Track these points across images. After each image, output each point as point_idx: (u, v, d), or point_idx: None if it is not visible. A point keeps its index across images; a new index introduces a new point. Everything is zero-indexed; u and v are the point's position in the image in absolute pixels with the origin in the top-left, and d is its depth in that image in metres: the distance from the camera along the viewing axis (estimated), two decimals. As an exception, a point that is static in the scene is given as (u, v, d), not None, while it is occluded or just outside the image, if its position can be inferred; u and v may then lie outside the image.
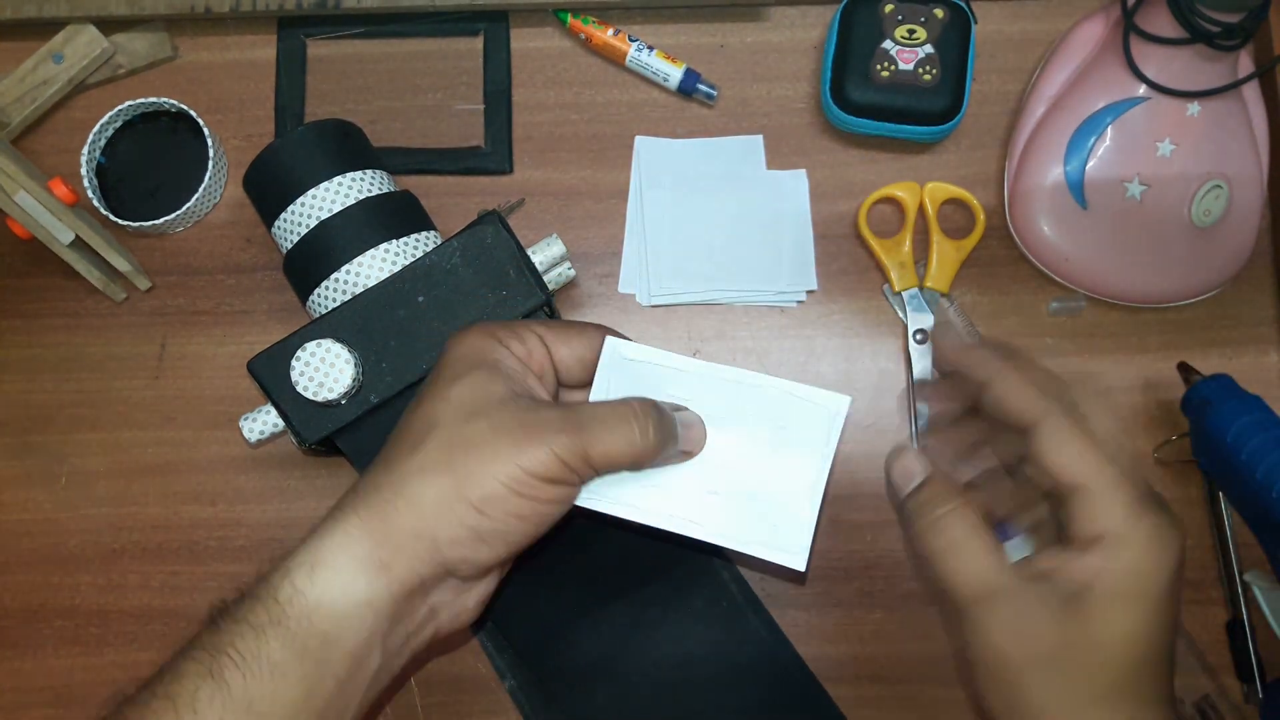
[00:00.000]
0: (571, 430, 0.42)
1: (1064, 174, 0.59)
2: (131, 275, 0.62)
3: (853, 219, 0.63)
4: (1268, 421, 0.53)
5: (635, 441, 0.43)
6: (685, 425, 0.46)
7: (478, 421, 0.42)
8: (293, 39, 0.65)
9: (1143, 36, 0.57)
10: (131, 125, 0.64)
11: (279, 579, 0.41)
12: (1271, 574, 0.56)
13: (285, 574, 0.41)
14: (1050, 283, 0.62)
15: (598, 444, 0.43)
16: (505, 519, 0.42)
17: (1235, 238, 0.60)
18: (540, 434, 0.42)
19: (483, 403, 0.43)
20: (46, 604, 0.61)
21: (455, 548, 0.42)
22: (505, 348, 0.45)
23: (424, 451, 0.42)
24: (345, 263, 0.54)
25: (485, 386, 0.43)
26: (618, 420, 0.43)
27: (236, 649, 0.40)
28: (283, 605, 0.41)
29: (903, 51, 0.60)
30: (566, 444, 0.42)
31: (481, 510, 0.42)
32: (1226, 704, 0.58)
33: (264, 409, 0.55)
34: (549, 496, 0.43)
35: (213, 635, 0.41)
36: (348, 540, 0.42)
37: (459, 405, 0.43)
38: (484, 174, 0.64)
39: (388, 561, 0.42)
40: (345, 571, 0.41)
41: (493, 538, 0.42)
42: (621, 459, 0.44)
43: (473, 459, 0.42)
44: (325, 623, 0.41)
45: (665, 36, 0.65)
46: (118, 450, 0.62)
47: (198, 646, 0.41)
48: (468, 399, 0.43)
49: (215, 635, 0.41)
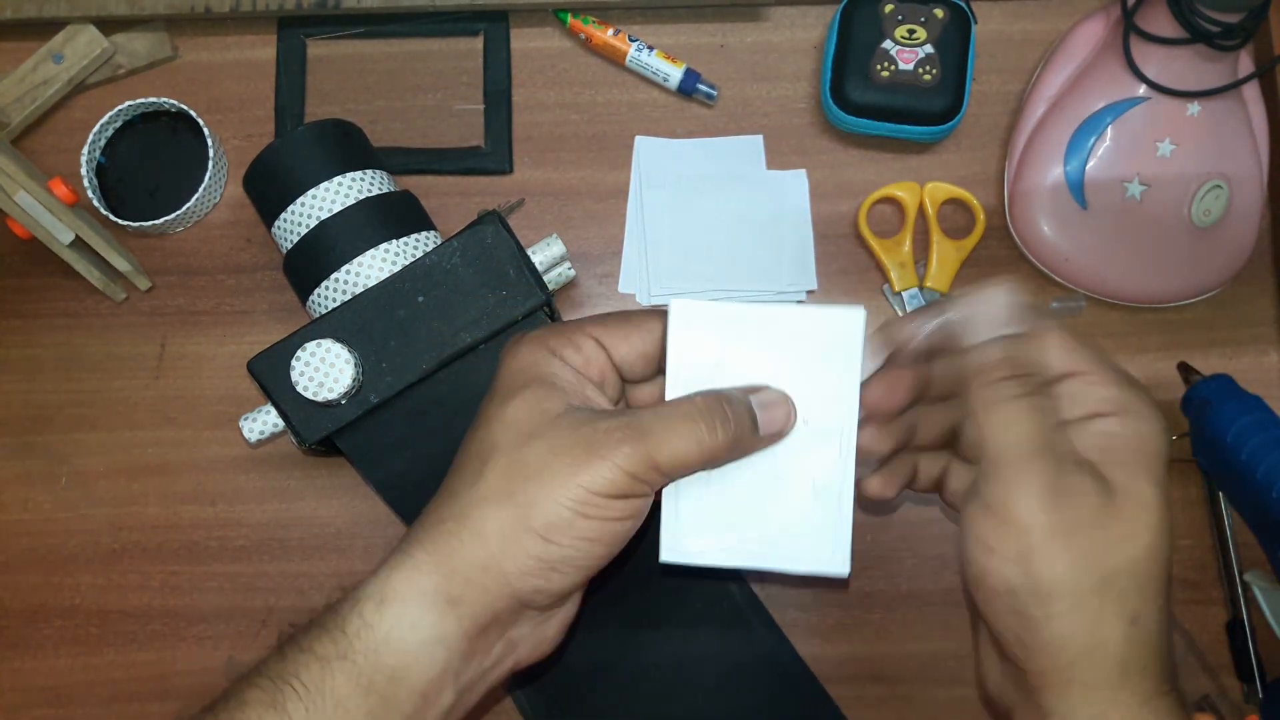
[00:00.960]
0: (634, 439, 0.40)
1: (1064, 174, 0.59)
2: (131, 275, 0.62)
3: (853, 219, 0.63)
4: (1268, 421, 0.54)
5: (704, 440, 0.41)
6: (763, 406, 0.42)
7: (535, 444, 0.41)
8: (293, 39, 0.65)
9: (1143, 36, 0.57)
10: (131, 125, 0.64)
11: (347, 609, 0.40)
12: (1271, 574, 0.56)
13: (354, 605, 0.40)
14: (1050, 283, 0.62)
15: (664, 448, 0.40)
16: (574, 544, 0.40)
17: (1235, 238, 0.60)
18: (601, 449, 0.40)
19: (539, 422, 0.41)
20: (46, 604, 0.61)
21: (526, 579, 0.40)
22: (559, 358, 0.43)
23: (485, 481, 0.41)
24: (345, 263, 0.54)
25: (540, 404, 0.41)
26: (681, 419, 0.41)
27: (301, 680, 0.39)
28: (350, 638, 0.40)
29: (903, 51, 0.60)
30: (630, 454, 0.40)
31: (548, 538, 0.40)
32: (1226, 704, 0.58)
33: (264, 409, 0.55)
34: (618, 513, 0.41)
35: (279, 663, 0.40)
36: (416, 574, 0.40)
37: (515, 427, 0.41)
38: (484, 174, 0.64)
39: (457, 597, 0.40)
40: (414, 606, 0.40)
41: (564, 565, 0.41)
42: (692, 460, 0.41)
43: (533, 485, 0.40)
44: (393, 658, 0.40)
45: (665, 36, 0.65)
46: (118, 450, 0.62)
47: (263, 674, 0.40)
48: (523, 419, 0.41)
49: (281, 664, 0.40)
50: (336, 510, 0.61)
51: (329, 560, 0.61)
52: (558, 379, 0.42)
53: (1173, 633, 0.41)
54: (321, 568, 0.61)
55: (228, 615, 0.61)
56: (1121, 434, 0.41)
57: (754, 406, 0.42)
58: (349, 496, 0.61)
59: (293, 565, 0.61)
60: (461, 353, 0.53)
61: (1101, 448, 0.40)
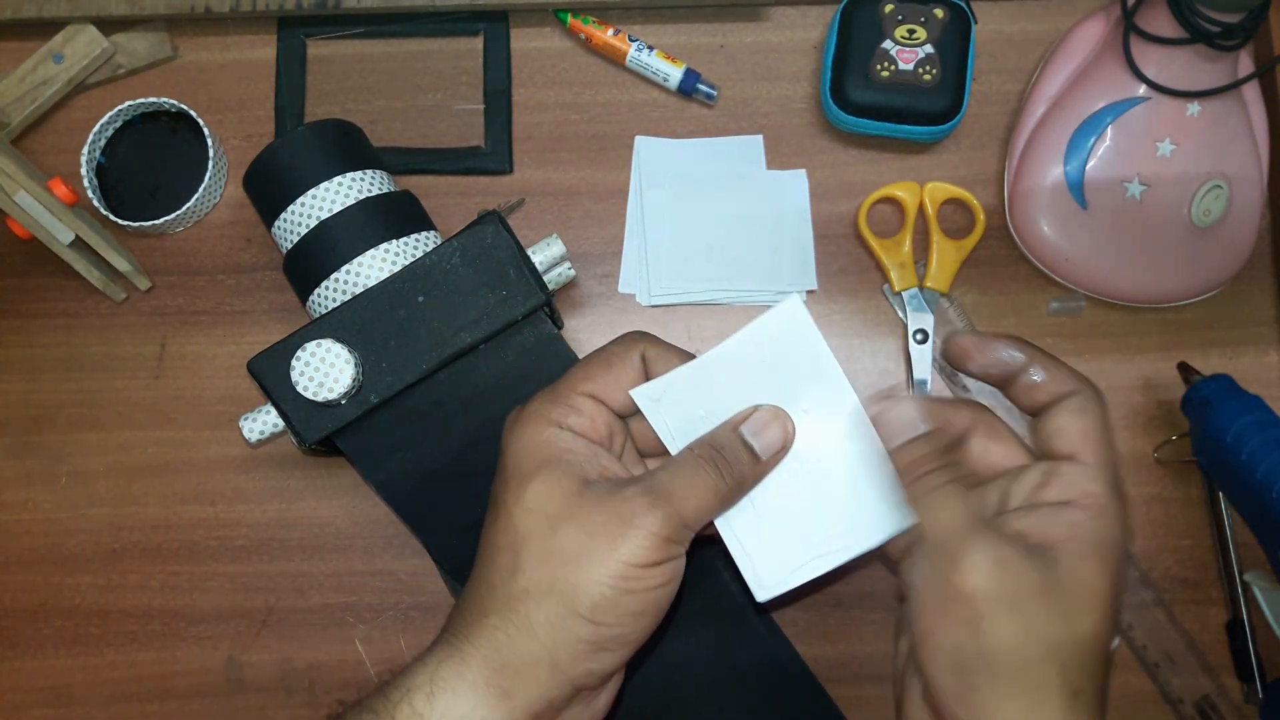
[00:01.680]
0: (660, 503, 0.41)
1: (1064, 174, 0.59)
2: (131, 275, 0.62)
3: (853, 219, 0.63)
4: (1268, 421, 0.54)
5: (719, 484, 0.42)
6: (756, 433, 0.44)
7: (566, 528, 0.41)
8: (293, 39, 0.65)
9: (1143, 36, 0.57)
10: (131, 125, 0.64)
11: (398, 697, 0.40)
12: (1271, 574, 0.56)
13: (404, 695, 0.40)
14: (1050, 283, 0.62)
15: (688, 504, 0.41)
16: (621, 620, 0.41)
17: (1235, 238, 0.60)
18: (631, 520, 0.40)
19: (563, 505, 0.41)
20: (46, 604, 0.61)
21: (576, 664, 0.41)
22: (565, 429, 0.44)
23: (523, 572, 0.41)
24: (345, 263, 0.54)
25: (560, 485, 0.42)
26: (691, 472, 0.42)
27: None
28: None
29: (903, 51, 0.60)
30: (661, 519, 0.41)
31: (595, 620, 0.40)
32: (1226, 704, 0.58)
33: (264, 409, 0.55)
34: (658, 580, 0.41)
35: None
36: (464, 667, 0.40)
37: (540, 514, 0.41)
38: (484, 174, 0.64)
39: (509, 690, 0.40)
40: (465, 698, 0.40)
41: (613, 643, 0.41)
42: (713, 508, 0.42)
43: (573, 570, 0.40)
44: None
45: (665, 36, 0.65)
46: (118, 450, 0.62)
47: None
48: (547, 505, 0.41)
49: None
50: (336, 510, 0.61)
51: (329, 560, 0.61)
52: (570, 455, 0.43)
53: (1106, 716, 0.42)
54: (321, 568, 0.61)
55: (228, 615, 0.61)
56: (1089, 528, 0.41)
57: (747, 437, 0.43)
58: (349, 496, 0.61)
59: (293, 565, 0.61)
60: (462, 353, 0.53)
61: (1065, 536, 0.41)
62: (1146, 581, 0.59)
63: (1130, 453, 0.61)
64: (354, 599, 0.61)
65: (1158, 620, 0.59)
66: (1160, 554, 0.60)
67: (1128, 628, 0.59)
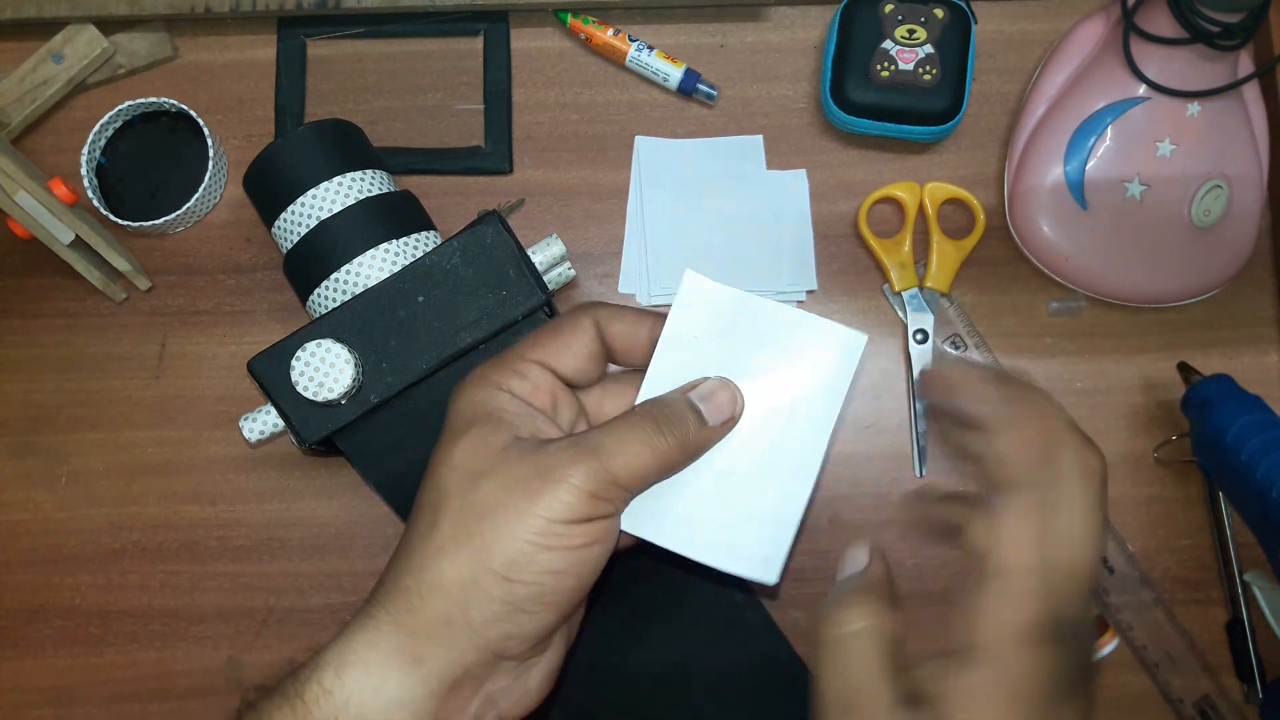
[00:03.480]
0: (587, 457, 0.39)
1: (1064, 174, 0.59)
2: (131, 275, 0.62)
3: (853, 219, 0.63)
4: (1268, 421, 0.54)
5: (657, 445, 0.40)
6: (705, 398, 0.42)
7: (485, 483, 0.39)
8: (293, 39, 0.65)
9: (1143, 36, 0.57)
10: (131, 125, 0.64)
11: (306, 675, 0.39)
12: (1271, 574, 0.56)
13: (312, 671, 0.39)
14: (1050, 283, 0.62)
15: (618, 460, 0.39)
16: (539, 579, 0.38)
17: (1235, 238, 0.60)
18: (554, 473, 0.39)
19: (486, 460, 0.40)
20: (46, 604, 0.61)
21: (493, 626, 0.39)
22: (505, 391, 0.42)
23: (439, 530, 0.39)
24: (345, 263, 0.54)
25: (485, 440, 0.40)
26: (628, 429, 0.40)
27: None
28: (309, 705, 0.38)
29: (903, 51, 0.60)
30: (586, 472, 0.39)
31: (510, 577, 0.38)
32: (1226, 704, 0.58)
33: (264, 409, 0.55)
34: (582, 539, 0.39)
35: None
36: (376, 636, 0.39)
37: (463, 469, 0.40)
38: (484, 174, 0.64)
39: (420, 655, 0.38)
40: (374, 670, 0.38)
41: (531, 604, 0.39)
42: (650, 469, 0.40)
43: (488, 525, 0.38)
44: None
45: (665, 36, 0.65)
46: (118, 450, 0.62)
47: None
48: (470, 460, 0.40)
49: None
50: (336, 510, 0.61)
51: (329, 560, 0.61)
52: (503, 413, 0.41)
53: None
54: (321, 568, 0.61)
55: (228, 615, 0.61)
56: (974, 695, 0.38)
57: (695, 401, 0.42)
58: (349, 496, 0.61)
59: (293, 565, 0.61)
60: (462, 353, 0.53)
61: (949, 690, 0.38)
62: (1146, 581, 0.59)
63: (1130, 453, 0.61)
64: (354, 599, 0.61)
65: (1158, 620, 0.59)
66: (1160, 554, 0.60)
67: (1128, 628, 0.59)
